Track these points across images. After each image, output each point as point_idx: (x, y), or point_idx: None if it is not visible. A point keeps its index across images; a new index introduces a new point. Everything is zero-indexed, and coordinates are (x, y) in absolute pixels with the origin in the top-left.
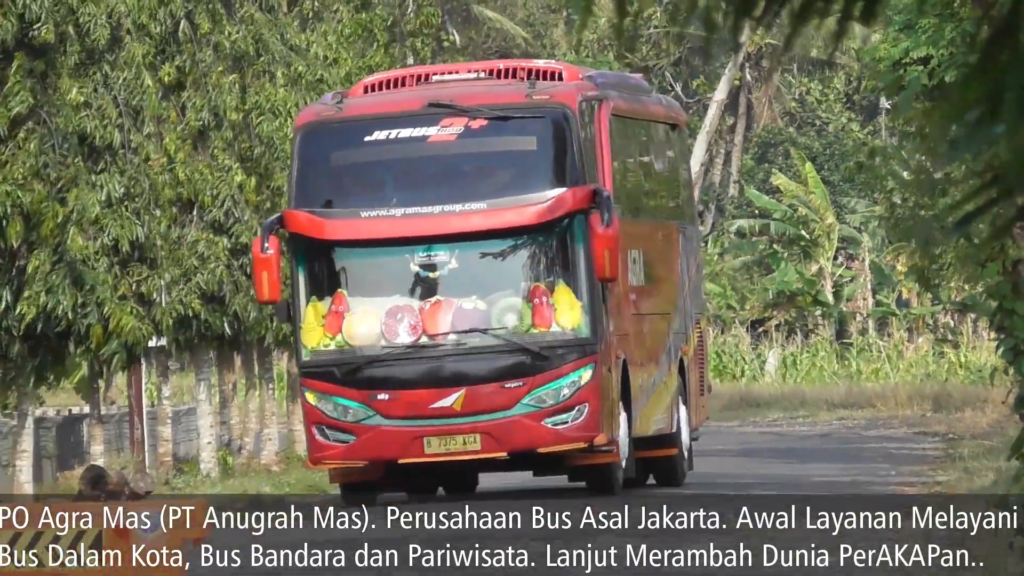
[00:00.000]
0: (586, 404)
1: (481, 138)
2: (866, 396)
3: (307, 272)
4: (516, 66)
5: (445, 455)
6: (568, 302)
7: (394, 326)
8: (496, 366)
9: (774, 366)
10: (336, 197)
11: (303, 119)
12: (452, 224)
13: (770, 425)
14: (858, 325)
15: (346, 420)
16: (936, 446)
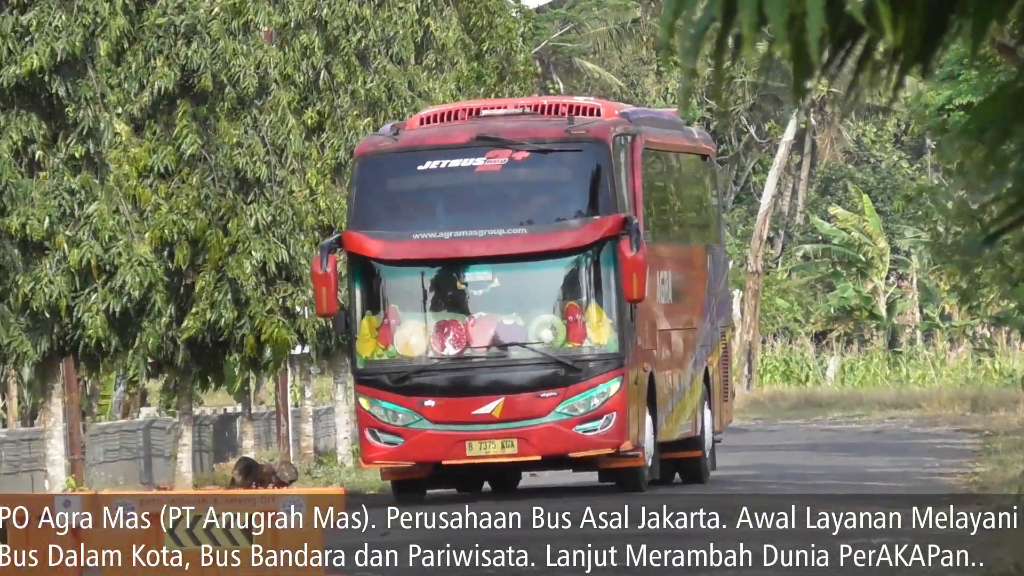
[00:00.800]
0: (614, 413)
1: (523, 168)
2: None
3: (363, 288)
4: (558, 103)
5: (485, 457)
6: (599, 320)
7: (441, 339)
8: (532, 377)
9: (834, 372)
10: (390, 220)
11: (363, 149)
12: (495, 247)
13: (831, 423)
14: (907, 336)
15: (395, 424)
16: (974, 441)
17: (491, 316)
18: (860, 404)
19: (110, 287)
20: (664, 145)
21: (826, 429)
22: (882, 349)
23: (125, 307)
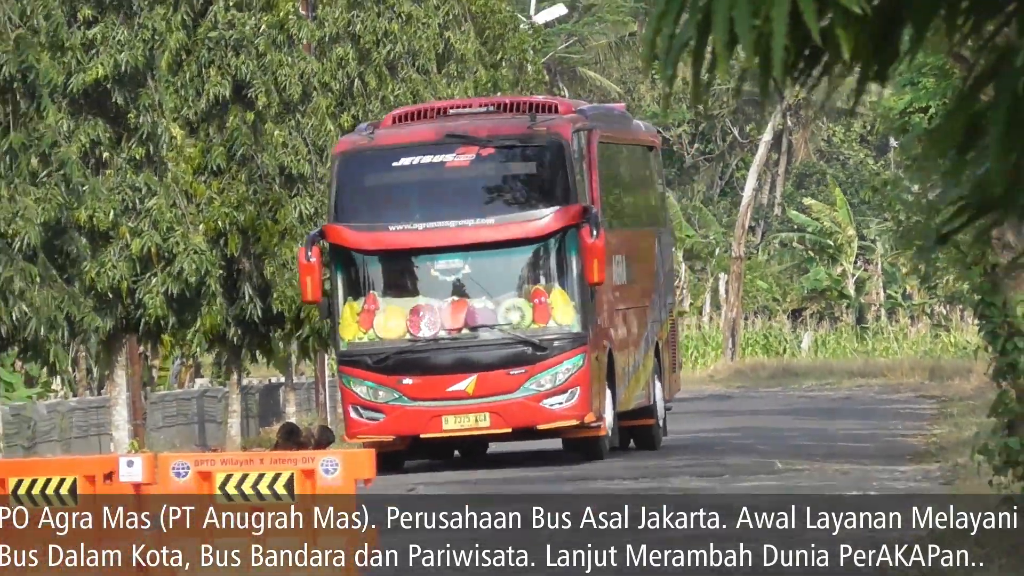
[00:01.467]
0: (578, 388)
1: (490, 163)
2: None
3: (344, 276)
4: (519, 101)
5: (459, 431)
6: (563, 302)
7: (417, 322)
8: (502, 356)
9: (808, 345)
10: (368, 213)
11: (341, 147)
12: (465, 236)
13: (805, 390)
14: (873, 313)
15: (376, 401)
16: (932, 406)
17: (463, 300)
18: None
19: (168, 272)
20: (616, 138)
21: (801, 395)
22: (850, 325)
23: (182, 290)
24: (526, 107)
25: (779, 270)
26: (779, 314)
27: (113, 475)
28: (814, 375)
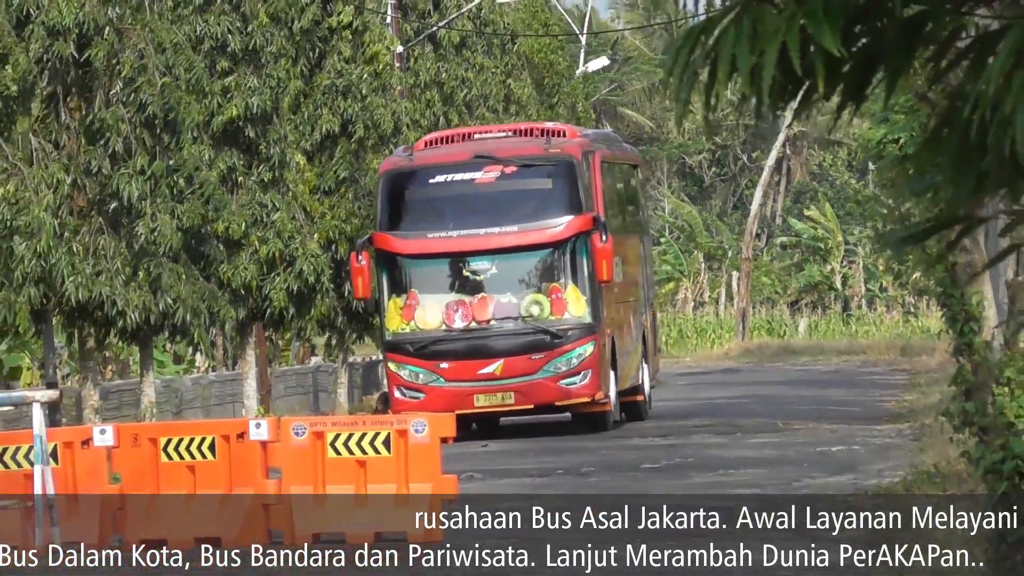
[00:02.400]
0: (590, 370)
1: (513, 180)
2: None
3: (389, 277)
4: (533, 127)
5: (489, 408)
6: (576, 297)
7: (452, 315)
8: (525, 343)
9: (804, 328)
10: (409, 223)
11: (386, 167)
12: (493, 242)
13: (802, 365)
14: (856, 303)
15: (418, 383)
16: (903, 378)
17: (491, 296)
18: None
19: (289, 272)
20: (613, 158)
21: (798, 369)
22: (838, 312)
23: (300, 287)
24: (539, 132)
25: (780, 268)
26: (780, 304)
27: (244, 434)
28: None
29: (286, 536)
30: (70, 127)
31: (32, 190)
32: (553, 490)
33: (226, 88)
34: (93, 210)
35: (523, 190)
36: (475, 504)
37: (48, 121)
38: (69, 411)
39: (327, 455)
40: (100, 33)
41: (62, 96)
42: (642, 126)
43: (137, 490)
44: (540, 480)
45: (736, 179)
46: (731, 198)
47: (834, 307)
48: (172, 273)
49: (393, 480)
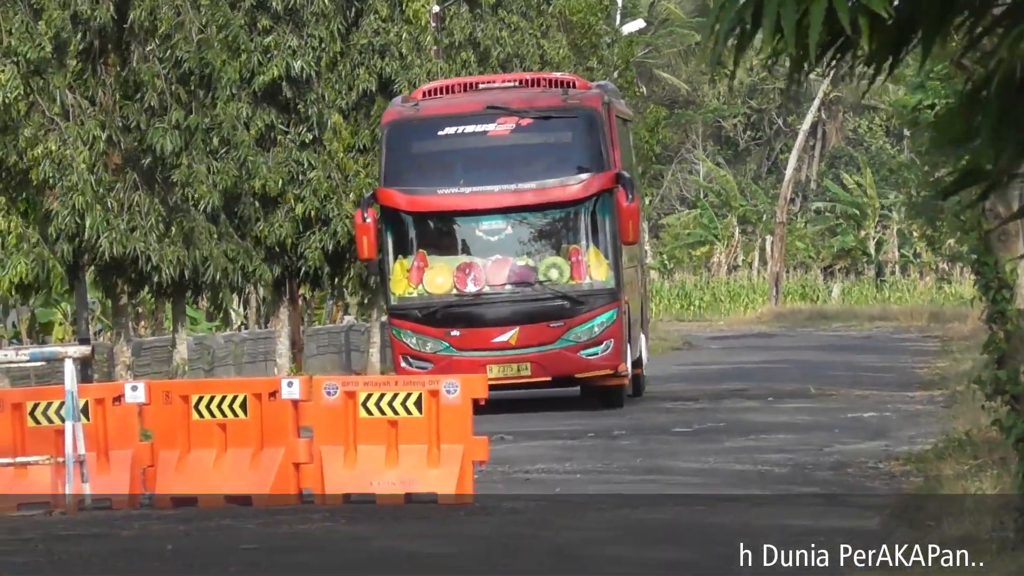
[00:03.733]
0: (612, 340)
1: (529, 133)
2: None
3: (395, 236)
4: (539, 77)
5: (503, 379)
6: (597, 260)
7: (463, 278)
8: (542, 310)
9: (837, 294)
10: (417, 178)
11: (389, 117)
12: (508, 200)
13: (834, 330)
14: (889, 269)
15: (425, 351)
16: (936, 345)
17: (506, 258)
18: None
19: (325, 231)
20: (619, 112)
21: (831, 334)
22: (871, 278)
23: (335, 246)
24: (547, 82)
25: (814, 233)
26: (814, 268)
27: (276, 393)
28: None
29: (317, 495)
30: (106, 83)
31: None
32: (584, 453)
33: (266, 47)
34: (128, 166)
35: (540, 144)
36: (506, 465)
37: (85, 77)
38: (101, 367)
39: (359, 415)
40: None
41: (98, 52)
42: (677, 89)
43: (168, 447)
44: (571, 443)
45: (771, 143)
46: (766, 162)
47: (867, 272)
48: (204, 230)
49: (424, 441)
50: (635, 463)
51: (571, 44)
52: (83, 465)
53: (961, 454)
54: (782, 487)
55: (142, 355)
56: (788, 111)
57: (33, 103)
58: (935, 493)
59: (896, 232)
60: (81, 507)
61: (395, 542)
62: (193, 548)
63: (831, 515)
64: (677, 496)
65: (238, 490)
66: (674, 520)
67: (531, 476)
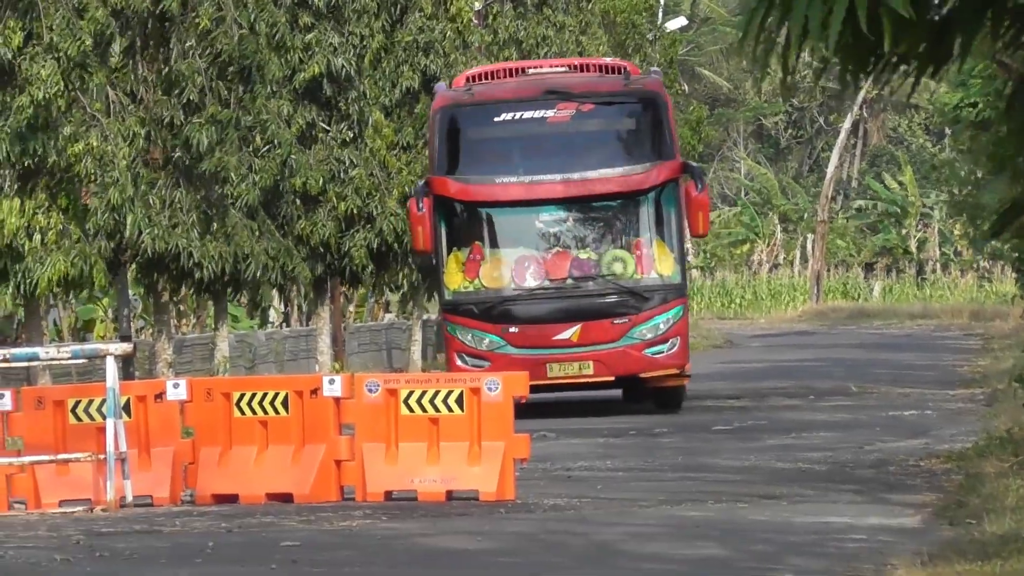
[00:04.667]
0: (678, 337)
1: (590, 119)
2: (934, 311)
3: (448, 227)
4: (589, 62)
5: (564, 379)
6: (663, 254)
7: (522, 272)
8: (606, 305)
9: (878, 292)
10: (472, 166)
11: (442, 102)
12: (571, 189)
13: (875, 328)
14: (930, 267)
15: (482, 348)
16: (977, 343)
17: (566, 251)
18: (896, 315)
19: (369, 229)
20: None
21: (872, 333)
22: (912, 276)
23: (380, 245)
24: (598, 67)
25: (855, 231)
26: (855, 266)
27: (318, 390)
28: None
29: (358, 493)
30: (147, 79)
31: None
32: (626, 450)
33: (307, 44)
34: (168, 163)
35: (602, 130)
36: (547, 463)
37: (125, 73)
38: (142, 364)
39: (400, 412)
40: None
41: (140, 48)
42: (719, 87)
43: (209, 444)
44: (613, 440)
45: (812, 141)
46: (807, 160)
47: (908, 271)
48: (245, 228)
49: (466, 438)
50: (676, 461)
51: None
52: (124, 462)
53: (1002, 452)
54: (822, 485)
55: (183, 352)
56: (830, 109)
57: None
58: (976, 491)
59: (937, 230)
60: (122, 504)
61: (436, 539)
62: (234, 545)
63: (872, 513)
64: (718, 493)
65: (279, 487)
66: (715, 518)
67: (573, 474)
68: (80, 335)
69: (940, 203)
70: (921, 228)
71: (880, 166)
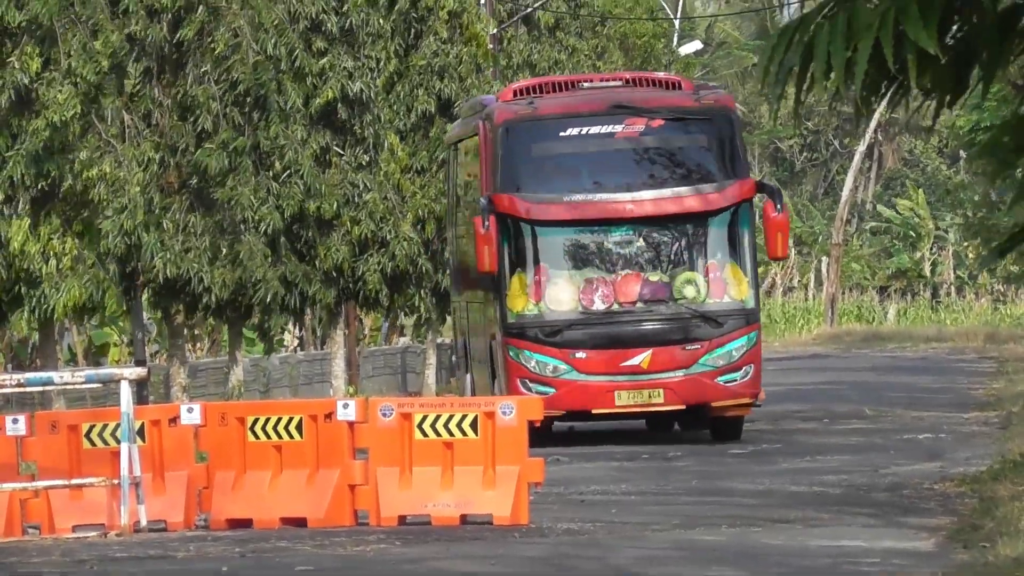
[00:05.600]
0: (751, 365)
1: (660, 135)
2: (949, 334)
3: (512, 246)
4: (643, 76)
5: (633, 407)
6: (737, 277)
7: (590, 295)
8: (678, 330)
9: (892, 315)
10: (537, 183)
11: (504, 116)
12: (641, 208)
13: (889, 352)
14: (944, 290)
15: (547, 375)
16: (991, 366)
17: (637, 274)
18: (911, 338)
19: (384, 253)
20: None
21: (886, 356)
22: (926, 299)
23: (394, 269)
24: (652, 82)
25: (870, 254)
26: (869, 290)
27: (332, 415)
28: (897, 339)
29: (372, 517)
30: (163, 104)
31: (125, 168)
32: (640, 474)
33: (322, 69)
34: (183, 188)
35: (673, 147)
36: (562, 487)
37: (141, 97)
38: (157, 389)
39: (414, 436)
40: (193, 11)
41: (155, 73)
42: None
43: (223, 469)
44: (627, 464)
45: (827, 164)
46: (822, 183)
47: (923, 294)
48: (259, 252)
49: (480, 462)
50: (691, 484)
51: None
52: (139, 487)
53: (1017, 475)
54: (837, 508)
55: (198, 377)
56: (844, 132)
57: (90, 124)
58: (990, 514)
59: (952, 253)
60: (136, 529)
61: (450, 564)
62: (248, 570)
63: (886, 536)
64: (732, 517)
65: (293, 512)
66: (729, 541)
67: (587, 498)
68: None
69: (955, 226)
70: (936, 251)
71: (895, 189)
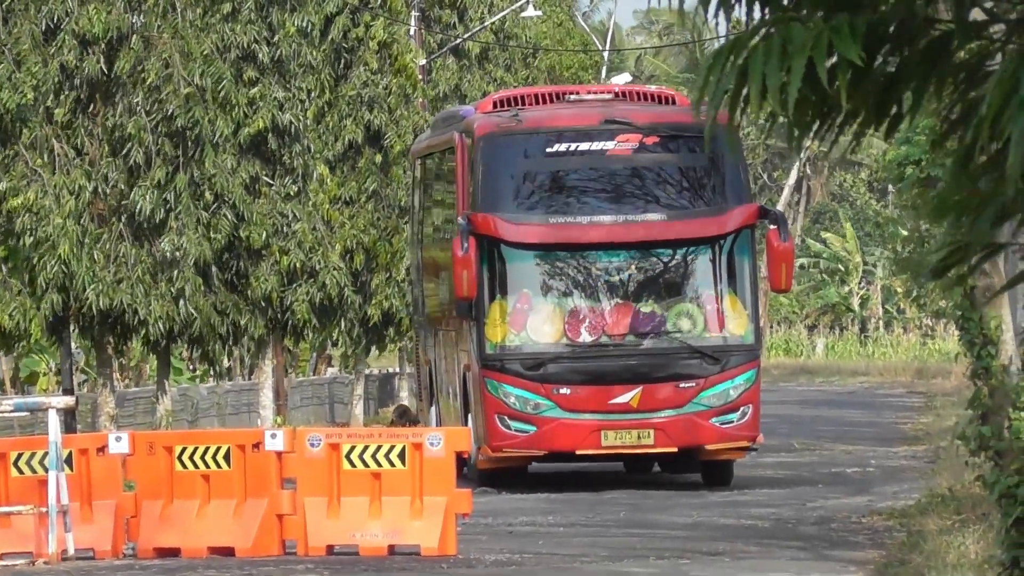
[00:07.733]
0: (750, 406)
1: (655, 154)
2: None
3: (492, 271)
4: (634, 90)
5: (620, 448)
6: (736, 310)
7: (576, 326)
8: (671, 367)
9: (821, 349)
10: (520, 202)
11: (485, 129)
12: (634, 233)
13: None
14: (873, 324)
15: (527, 411)
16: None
17: (628, 304)
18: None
19: (312, 283)
20: None
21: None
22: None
23: (322, 300)
24: (644, 95)
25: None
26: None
27: (260, 444)
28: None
29: (300, 547)
30: (94, 133)
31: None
32: (569, 505)
33: (252, 99)
34: (114, 217)
35: (670, 168)
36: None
37: (74, 127)
38: (84, 417)
39: (342, 467)
40: (126, 41)
41: (86, 102)
42: None
43: (151, 498)
44: (556, 495)
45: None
46: None
47: (852, 328)
48: (193, 285)
49: (408, 493)
50: (620, 516)
51: None
52: (66, 515)
53: (944, 509)
54: (766, 541)
55: (125, 406)
56: (773, 166)
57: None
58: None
59: (880, 288)
60: (64, 557)
61: None
62: None
63: (814, 570)
64: (661, 549)
65: (221, 541)
66: (659, 573)
67: (515, 529)
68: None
69: (883, 260)
70: (864, 285)
71: (824, 223)
